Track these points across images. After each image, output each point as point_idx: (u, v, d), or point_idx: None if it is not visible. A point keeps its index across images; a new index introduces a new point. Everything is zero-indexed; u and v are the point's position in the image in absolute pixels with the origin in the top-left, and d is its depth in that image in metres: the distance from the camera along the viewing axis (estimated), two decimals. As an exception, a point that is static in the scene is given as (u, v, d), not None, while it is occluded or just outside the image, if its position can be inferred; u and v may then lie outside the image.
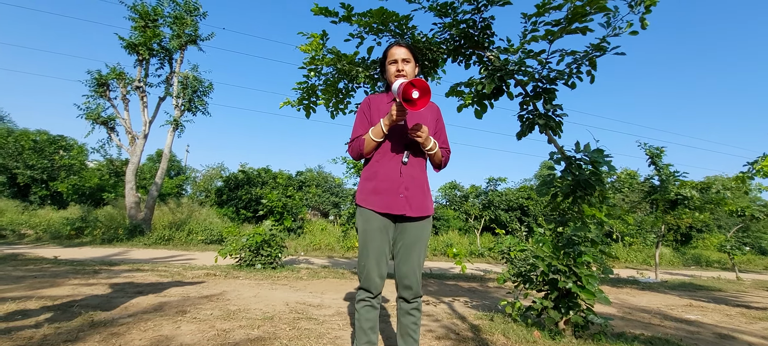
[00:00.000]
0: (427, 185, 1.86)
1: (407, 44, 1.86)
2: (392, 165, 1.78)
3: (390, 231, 1.78)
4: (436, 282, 6.20)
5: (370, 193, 1.78)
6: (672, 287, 7.91)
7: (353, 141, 1.83)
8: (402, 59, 1.81)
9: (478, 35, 3.64)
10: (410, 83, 1.57)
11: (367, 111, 1.87)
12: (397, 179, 1.76)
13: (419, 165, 1.83)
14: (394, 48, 1.85)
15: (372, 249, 1.72)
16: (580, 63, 3.22)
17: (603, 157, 3.04)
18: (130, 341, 2.17)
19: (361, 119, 1.87)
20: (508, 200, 19.12)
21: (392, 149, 1.79)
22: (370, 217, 1.75)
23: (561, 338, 2.68)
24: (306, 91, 4.45)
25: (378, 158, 1.81)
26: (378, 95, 1.94)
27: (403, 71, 1.80)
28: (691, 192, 8.41)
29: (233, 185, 18.09)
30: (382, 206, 1.74)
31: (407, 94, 1.58)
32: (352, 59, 3.95)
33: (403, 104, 1.55)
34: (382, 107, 1.85)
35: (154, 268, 5.55)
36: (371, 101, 1.90)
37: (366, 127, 1.82)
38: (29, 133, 17.28)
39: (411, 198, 1.76)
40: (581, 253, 2.83)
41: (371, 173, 1.81)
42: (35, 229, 11.51)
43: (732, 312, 4.90)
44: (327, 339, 2.48)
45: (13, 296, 3.12)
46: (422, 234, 1.80)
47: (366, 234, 1.75)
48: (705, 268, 16.77)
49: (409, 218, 1.77)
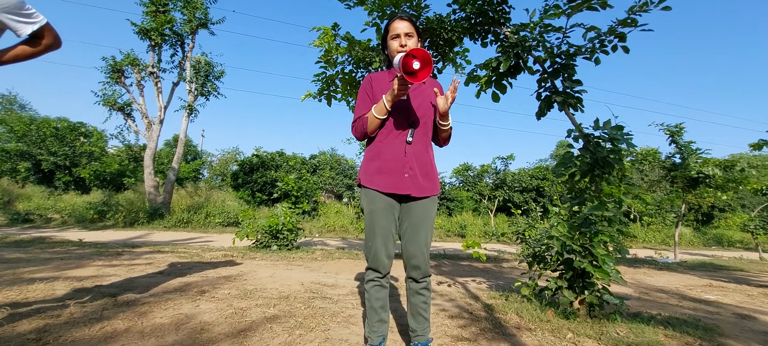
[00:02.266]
0: (431, 163, 1.83)
1: (409, 17, 1.79)
2: (396, 144, 1.74)
3: (396, 211, 1.77)
4: (450, 263, 6.22)
5: (374, 173, 1.75)
6: (691, 267, 7.76)
7: (357, 121, 1.79)
8: (405, 33, 1.75)
9: (495, 11, 3.53)
10: (410, 54, 1.50)
11: (369, 90, 1.82)
12: (401, 159, 1.73)
13: (423, 143, 1.79)
14: (395, 22, 1.78)
15: (379, 229, 1.72)
16: (603, 38, 3.10)
17: (622, 135, 2.95)
18: (152, 320, 2.25)
19: (364, 98, 1.83)
20: (522, 180, 18.93)
21: (396, 128, 1.75)
22: (375, 197, 1.74)
23: (575, 318, 2.67)
24: (325, 82, 4.44)
25: (381, 138, 1.77)
26: (380, 73, 1.90)
27: (406, 46, 1.74)
28: (713, 170, 8.14)
29: (248, 169, 18.34)
30: (387, 186, 1.72)
31: (408, 66, 1.52)
32: (367, 46, 3.89)
33: (405, 77, 1.50)
34: (384, 84, 1.80)
35: (173, 249, 5.72)
36: (373, 79, 1.84)
37: (369, 106, 1.77)
38: (50, 120, 17.76)
39: (416, 177, 1.73)
40: (597, 232, 2.78)
41: (375, 153, 1.78)
42: (61, 213, 11.94)
43: (754, 292, 4.79)
44: (341, 318, 2.52)
45: (41, 276, 3.26)
46: (428, 213, 1.78)
47: (372, 215, 1.74)
48: (727, 248, 16.38)
49: (414, 197, 1.75)
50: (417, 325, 1.79)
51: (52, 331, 1.96)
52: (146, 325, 2.16)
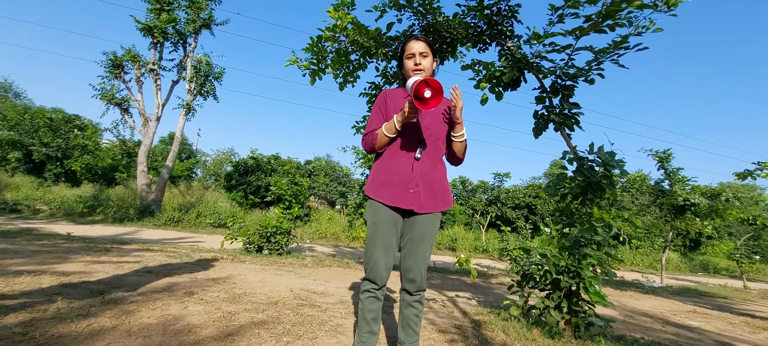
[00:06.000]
0: (440, 180, 1.85)
1: (425, 39, 1.87)
2: (404, 160, 1.79)
3: (399, 224, 1.80)
4: (439, 276, 6.24)
5: (380, 185, 1.79)
6: (676, 292, 7.85)
7: (368, 135, 1.85)
8: (420, 53, 1.82)
9: (502, 23, 3.60)
10: (424, 82, 1.57)
11: (383, 106, 1.88)
12: (408, 174, 1.77)
13: (432, 161, 1.83)
14: (411, 42, 1.85)
15: (380, 241, 1.75)
16: (601, 60, 3.18)
17: (615, 160, 3.03)
18: (139, 319, 2.25)
19: (377, 113, 1.89)
20: (515, 197, 19.06)
21: (405, 144, 1.80)
22: (379, 209, 1.77)
23: (560, 338, 2.70)
24: (317, 54, 4.16)
25: (391, 153, 1.82)
26: (395, 90, 1.96)
27: (421, 65, 1.81)
28: (699, 199, 8.29)
29: (243, 171, 18.27)
30: (392, 199, 1.75)
31: (419, 93, 1.58)
32: (374, 35, 3.86)
33: (415, 102, 1.56)
34: (398, 102, 1.86)
35: (163, 248, 5.68)
36: (387, 96, 1.91)
37: (381, 122, 1.84)
38: (45, 111, 17.60)
39: (421, 194, 1.77)
40: (586, 255, 2.84)
41: (383, 166, 1.83)
42: (49, 205, 11.79)
43: (736, 321, 4.87)
44: (329, 326, 2.53)
45: (28, 269, 3.23)
46: (430, 229, 1.81)
47: (375, 226, 1.77)
48: (712, 275, 16.57)
49: (417, 212, 1.79)
50: (406, 337, 1.81)
51: (38, 325, 1.96)
52: (133, 324, 2.15)
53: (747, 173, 5.50)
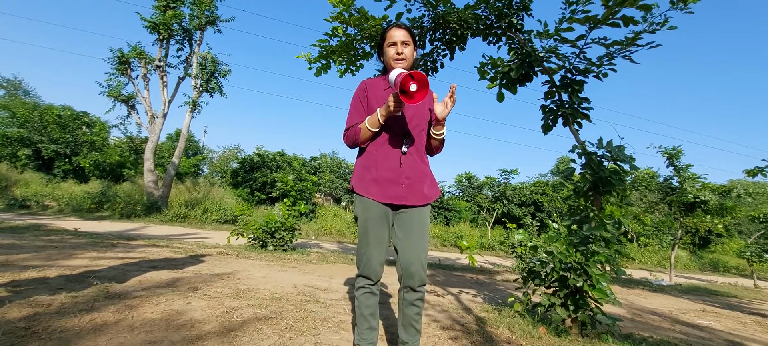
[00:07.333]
0: (427, 172, 1.84)
1: (406, 26, 1.81)
2: (392, 154, 1.75)
3: (389, 219, 1.77)
4: (443, 273, 6.21)
5: (370, 182, 1.75)
6: (685, 290, 7.74)
7: (349, 130, 1.79)
8: (401, 42, 1.76)
9: (513, 15, 3.54)
10: (409, 76, 1.49)
11: (364, 98, 1.82)
12: (398, 169, 1.74)
13: (418, 153, 1.80)
14: (392, 30, 1.79)
15: (372, 237, 1.72)
16: (613, 56, 3.11)
17: (625, 155, 2.96)
18: (142, 314, 2.24)
19: (357, 106, 1.82)
20: (522, 194, 18.94)
21: (391, 138, 1.76)
22: (369, 205, 1.74)
23: (567, 336, 2.66)
24: (325, 50, 4.23)
25: (376, 147, 1.77)
26: (374, 80, 1.88)
27: (402, 54, 1.76)
28: (709, 195, 8.16)
29: (249, 167, 18.35)
30: (383, 195, 1.72)
31: (405, 87, 1.52)
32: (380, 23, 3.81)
33: (400, 96, 1.51)
34: (380, 94, 1.80)
35: (168, 244, 5.70)
36: (368, 87, 1.84)
37: (362, 115, 1.78)
38: (54, 108, 17.80)
39: (412, 186, 1.75)
40: (594, 253, 2.78)
41: (370, 162, 1.77)
42: (58, 201, 11.93)
43: (746, 320, 4.78)
44: (332, 322, 2.51)
45: (34, 264, 3.25)
46: (424, 221, 1.78)
47: (366, 222, 1.74)
48: (722, 273, 16.35)
49: (409, 206, 1.76)
50: (408, 337, 1.76)
51: (41, 319, 1.96)
52: (136, 319, 2.15)
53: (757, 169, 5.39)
